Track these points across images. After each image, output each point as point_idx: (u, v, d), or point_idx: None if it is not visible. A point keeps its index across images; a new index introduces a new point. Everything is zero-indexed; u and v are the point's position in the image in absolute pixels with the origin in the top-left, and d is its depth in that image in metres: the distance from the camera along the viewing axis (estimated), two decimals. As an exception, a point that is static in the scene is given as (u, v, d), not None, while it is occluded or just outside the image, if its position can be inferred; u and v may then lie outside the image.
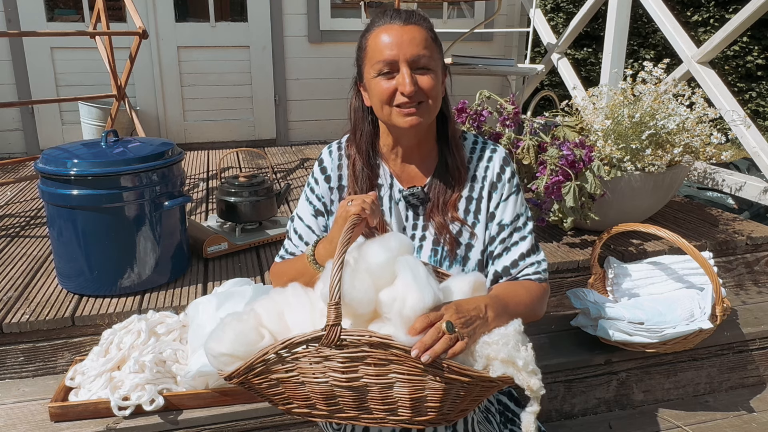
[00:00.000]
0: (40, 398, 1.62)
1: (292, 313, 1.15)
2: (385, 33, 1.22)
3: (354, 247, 1.14)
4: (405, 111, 1.22)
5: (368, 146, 1.35)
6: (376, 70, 1.22)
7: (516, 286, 1.28)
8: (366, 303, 1.05)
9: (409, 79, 1.19)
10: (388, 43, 1.20)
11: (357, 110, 1.34)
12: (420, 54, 1.20)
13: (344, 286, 1.02)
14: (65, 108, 4.15)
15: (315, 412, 1.07)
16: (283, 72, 4.45)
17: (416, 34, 1.21)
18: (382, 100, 1.23)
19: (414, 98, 1.21)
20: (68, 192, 1.75)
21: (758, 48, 6.07)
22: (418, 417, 1.02)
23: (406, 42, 1.20)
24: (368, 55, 1.24)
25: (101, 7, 2.94)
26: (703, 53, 2.91)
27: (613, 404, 1.94)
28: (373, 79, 1.24)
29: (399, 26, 1.21)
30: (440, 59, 1.28)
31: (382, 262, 1.08)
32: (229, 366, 1.09)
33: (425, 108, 1.23)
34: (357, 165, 1.35)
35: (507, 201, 1.34)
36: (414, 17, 1.24)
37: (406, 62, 1.20)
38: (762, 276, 2.39)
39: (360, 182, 1.34)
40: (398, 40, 1.20)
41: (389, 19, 1.23)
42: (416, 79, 1.21)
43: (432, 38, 1.24)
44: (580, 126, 2.32)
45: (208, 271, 2.07)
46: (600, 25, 5.73)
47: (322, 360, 1.01)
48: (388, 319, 1.05)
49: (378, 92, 1.23)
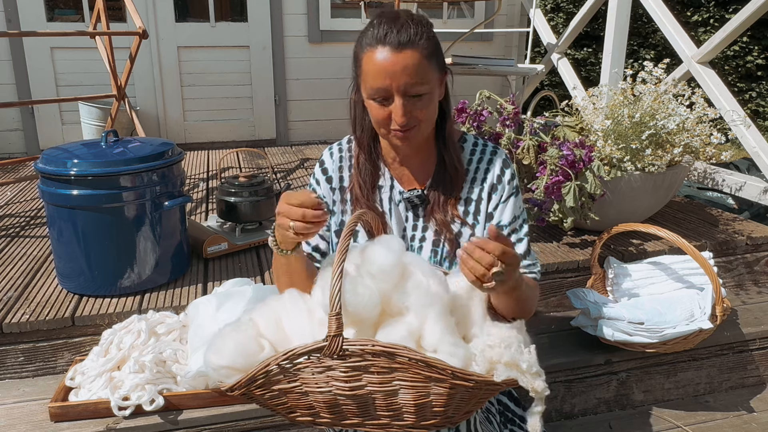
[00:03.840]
0: (40, 398, 1.61)
1: (290, 321, 1.13)
2: (377, 57, 1.17)
3: (356, 252, 1.12)
4: (399, 134, 1.23)
5: (370, 140, 1.36)
6: (369, 94, 1.21)
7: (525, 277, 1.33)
8: (370, 308, 1.04)
9: (401, 110, 1.18)
10: (381, 72, 1.17)
11: (357, 105, 1.34)
12: (413, 83, 1.17)
13: (346, 295, 1.00)
14: (65, 108, 4.15)
15: (319, 420, 1.07)
16: (283, 72, 4.45)
17: (409, 62, 1.16)
18: (377, 122, 1.24)
19: (408, 125, 1.21)
20: (68, 192, 1.75)
21: (758, 48, 6.06)
22: (423, 421, 1.02)
23: (399, 71, 1.16)
24: (362, 74, 1.22)
25: (101, 7, 2.94)
26: (703, 53, 2.91)
27: (613, 404, 1.94)
28: (368, 100, 1.23)
29: (392, 52, 1.16)
30: (437, 72, 1.23)
31: (389, 265, 1.07)
32: (229, 378, 1.07)
33: (417, 130, 1.23)
34: (361, 160, 1.36)
35: (506, 202, 1.34)
36: (409, 36, 1.16)
37: (398, 91, 1.17)
38: (762, 276, 2.39)
39: (363, 175, 1.35)
40: (391, 69, 1.16)
41: (383, 37, 1.17)
42: (409, 107, 1.19)
43: (427, 57, 1.18)
44: (580, 126, 2.32)
45: (208, 271, 2.07)
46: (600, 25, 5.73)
47: (325, 370, 1.00)
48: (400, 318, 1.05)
49: (373, 114, 1.24)
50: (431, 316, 1.06)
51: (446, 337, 1.04)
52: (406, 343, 1.01)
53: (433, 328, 1.05)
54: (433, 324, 1.05)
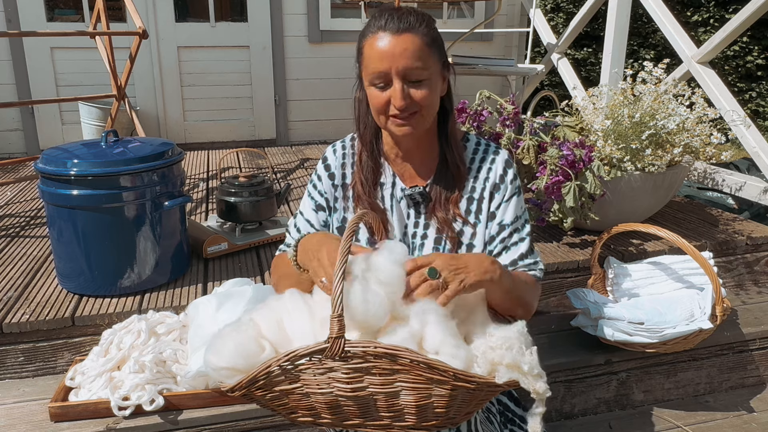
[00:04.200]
0: (40, 398, 1.61)
1: (291, 322, 1.13)
2: (378, 42, 1.19)
3: (361, 259, 1.11)
4: (398, 122, 1.23)
5: (372, 137, 1.36)
6: (370, 79, 1.22)
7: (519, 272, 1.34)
8: (381, 316, 1.04)
9: (400, 93, 1.19)
10: (381, 55, 1.18)
11: (362, 103, 1.34)
12: (412, 66, 1.18)
13: (355, 303, 1.01)
14: (65, 108, 4.15)
15: (320, 420, 1.07)
16: (283, 72, 4.45)
17: (409, 45, 1.18)
18: (377, 109, 1.24)
19: (406, 110, 1.21)
20: (68, 192, 1.75)
21: (758, 48, 6.06)
22: (424, 423, 1.02)
23: (398, 54, 1.17)
24: (364, 62, 1.24)
25: (101, 7, 2.94)
26: (703, 53, 2.91)
27: (613, 404, 1.94)
28: (369, 87, 1.24)
29: (392, 36, 1.18)
30: (438, 62, 1.24)
31: (396, 274, 1.07)
32: (230, 379, 1.07)
33: (418, 118, 1.24)
34: (363, 157, 1.37)
35: (509, 202, 1.35)
36: (409, 23, 1.19)
37: (398, 75, 1.18)
38: (762, 276, 2.39)
39: (365, 172, 1.36)
40: (390, 51, 1.17)
41: (384, 24, 1.20)
42: (409, 92, 1.20)
43: (428, 43, 1.20)
44: (580, 126, 2.32)
45: (208, 271, 2.07)
46: (600, 25, 5.73)
47: (327, 372, 1.00)
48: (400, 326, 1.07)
49: (373, 101, 1.24)
50: (432, 320, 1.06)
51: (448, 339, 1.04)
52: (408, 346, 1.01)
53: (434, 330, 1.05)
54: (434, 326, 1.05)
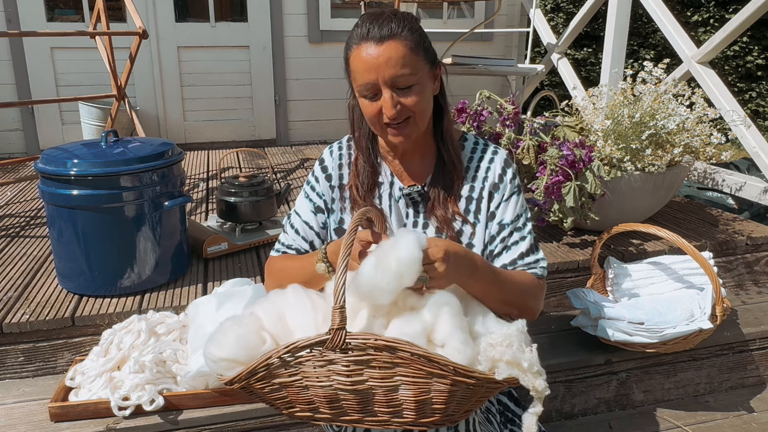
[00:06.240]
0: (40, 398, 1.61)
1: (293, 315, 1.14)
2: (362, 53, 1.18)
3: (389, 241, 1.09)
4: (392, 131, 1.23)
5: (368, 142, 1.36)
6: (359, 91, 1.22)
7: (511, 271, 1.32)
8: (387, 291, 1.03)
9: (390, 102, 1.18)
10: (366, 67, 1.17)
11: (355, 108, 1.34)
12: (399, 74, 1.17)
13: (364, 271, 1.01)
14: (65, 108, 4.15)
15: (318, 415, 1.07)
16: (283, 72, 4.44)
17: (393, 53, 1.16)
18: (370, 119, 1.24)
19: (399, 117, 1.21)
20: (68, 192, 1.75)
21: (758, 48, 6.07)
22: (422, 419, 1.02)
23: (383, 63, 1.16)
24: (352, 74, 1.23)
25: (101, 7, 2.94)
26: (703, 53, 2.91)
27: (613, 404, 1.94)
28: (360, 99, 1.24)
29: (375, 45, 1.16)
30: (426, 64, 1.22)
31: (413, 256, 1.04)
32: (229, 371, 1.07)
33: (412, 123, 1.23)
34: (359, 161, 1.36)
35: (509, 201, 1.34)
36: (390, 29, 1.17)
37: (385, 84, 1.18)
38: (762, 276, 2.39)
39: (362, 177, 1.35)
40: (375, 62, 1.16)
41: (366, 33, 1.18)
42: (399, 99, 1.19)
43: (412, 48, 1.18)
44: (580, 126, 2.32)
45: (208, 271, 2.07)
46: (600, 25, 5.73)
47: (327, 364, 1.00)
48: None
49: (365, 111, 1.24)
50: (445, 312, 1.06)
51: (456, 333, 1.04)
52: (419, 337, 1.02)
53: (445, 323, 1.06)
54: (446, 320, 1.06)
